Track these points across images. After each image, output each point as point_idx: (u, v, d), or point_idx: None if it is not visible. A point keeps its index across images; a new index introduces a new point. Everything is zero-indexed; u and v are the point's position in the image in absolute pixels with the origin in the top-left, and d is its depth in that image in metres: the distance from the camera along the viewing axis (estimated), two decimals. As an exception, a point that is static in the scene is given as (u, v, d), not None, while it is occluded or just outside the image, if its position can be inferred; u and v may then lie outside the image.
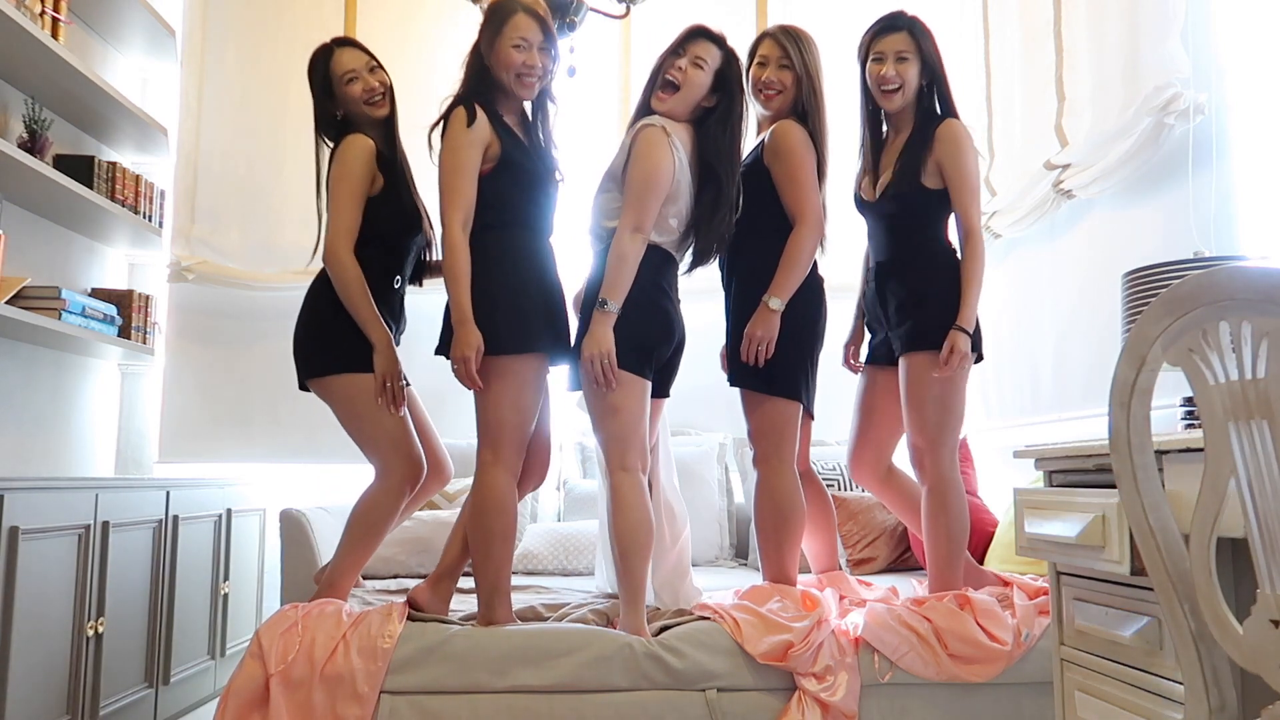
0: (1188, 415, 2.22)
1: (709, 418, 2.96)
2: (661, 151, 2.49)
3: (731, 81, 2.61)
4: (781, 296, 2.59)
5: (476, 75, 2.54)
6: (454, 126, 2.46)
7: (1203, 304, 1.16)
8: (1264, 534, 1.12)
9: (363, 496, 2.63)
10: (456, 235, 2.41)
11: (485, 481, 2.44)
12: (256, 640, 2.32)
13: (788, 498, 2.65)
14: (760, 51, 2.76)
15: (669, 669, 2.33)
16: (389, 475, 2.62)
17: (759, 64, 2.75)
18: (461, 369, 2.38)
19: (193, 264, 4.16)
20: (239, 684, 2.27)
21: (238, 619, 3.71)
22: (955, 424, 2.63)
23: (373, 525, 2.61)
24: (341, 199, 2.60)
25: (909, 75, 2.65)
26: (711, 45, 2.60)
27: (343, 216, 2.59)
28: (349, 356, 2.58)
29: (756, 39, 2.81)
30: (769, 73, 2.72)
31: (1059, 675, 1.91)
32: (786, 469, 2.66)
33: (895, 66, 2.64)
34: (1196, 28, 2.60)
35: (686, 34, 2.61)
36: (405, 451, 2.62)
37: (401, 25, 4.31)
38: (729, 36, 2.65)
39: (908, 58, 2.64)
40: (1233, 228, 2.50)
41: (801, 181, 2.63)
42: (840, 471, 3.81)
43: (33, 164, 3.05)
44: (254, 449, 4.18)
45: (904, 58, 2.64)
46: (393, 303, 2.71)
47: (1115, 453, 1.32)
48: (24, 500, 2.40)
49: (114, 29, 3.89)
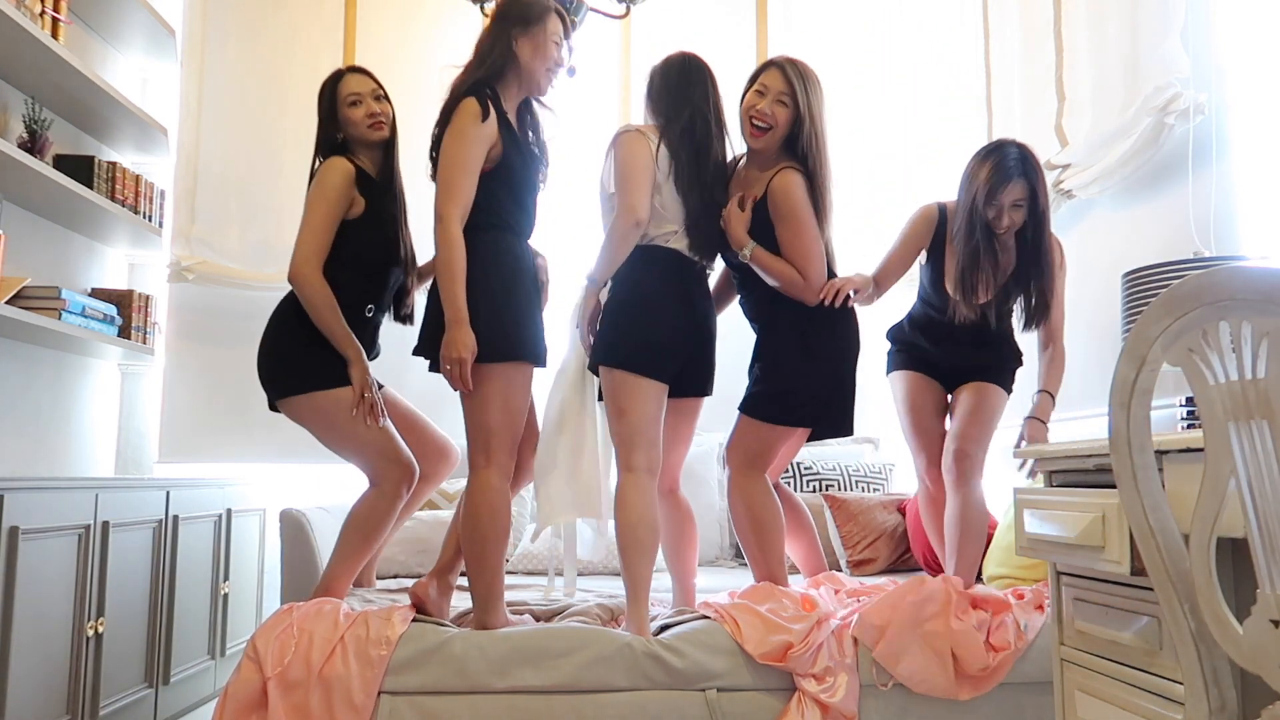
0: (1188, 415, 2.23)
1: (709, 418, 2.96)
2: (635, 143, 2.54)
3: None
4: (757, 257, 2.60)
5: (499, 61, 2.49)
6: (465, 117, 2.40)
7: (1203, 304, 1.16)
8: (1264, 534, 1.12)
9: (358, 502, 2.64)
10: (455, 230, 2.37)
11: (479, 485, 2.43)
12: (252, 644, 2.31)
13: (760, 502, 2.67)
14: (762, 80, 2.62)
15: (669, 668, 2.33)
16: (382, 483, 2.62)
17: (757, 92, 2.61)
18: (455, 370, 2.34)
19: (193, 264, 4.16)
20: (235, 688, 2.27)
21: (238, 619, 3.71)
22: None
23: (369, 531, 2.62)
24: (314, 219, 2.59)
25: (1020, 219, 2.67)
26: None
27: (313, 237, 2.58)
28: (316, 374, 2.58)
29: (762, 66, 2.69)
30: (765, 104, 2.59)
31: (1059, 675, 1.91)
32: (757, 476, 2.69)
33: (1012, 215, 2.65)
34: (1196, 28, 2.60)
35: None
36: (394, 457, 2.62)
37: (401, 25, 4.31)
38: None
39: (1022, 205, 2.65)
40: (1233, 228, 2.50)
41: (805, 245, 2.59)
42: (840, 471, 3.81)
43: (33, 164, 3.05)
44: (254, 449, 4.17)
45: (1019, 205, 2.64)
46: (364, 332, 2.68)
47: (1115, 453, 1.32)
48: (24, 500, 2.40)
49: (114, 29, 3.88)
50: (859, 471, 3.83)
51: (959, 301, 2.71)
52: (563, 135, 2.78)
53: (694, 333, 2.59)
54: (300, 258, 2.56)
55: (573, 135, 4.16)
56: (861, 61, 4.20)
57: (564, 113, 2.78)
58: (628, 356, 2.47)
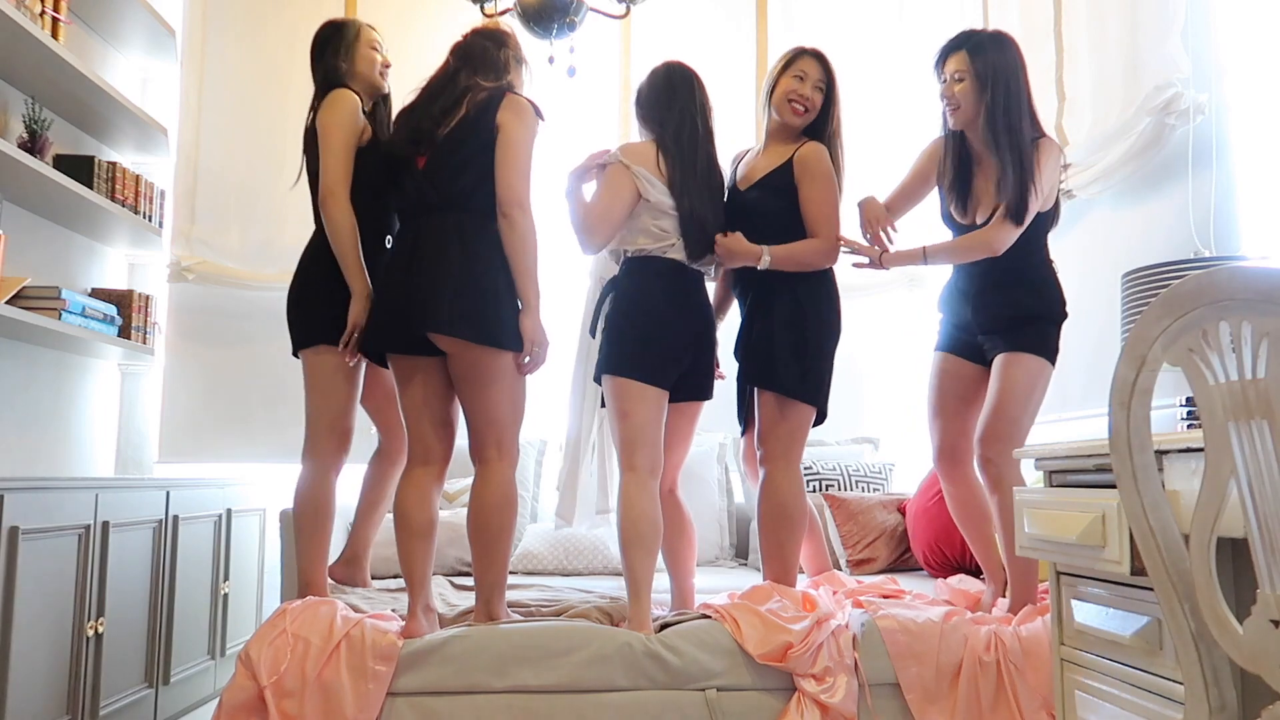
0: (1188, 415, 2.23)
1: (709, 418, 2.97)
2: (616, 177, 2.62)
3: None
4: (775, 256, 2.64)
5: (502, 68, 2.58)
6: (530, 113, 2.50)
7: (1203, 304, 1.16)
8: (1264, 534, 1.12)
9: (298, 486, 2.66)
10: (533, 217, 2.46)
11: (494, 478, 2.47)
12: (245, 653, 2.30)
13: (793, 498, 2.68)
14: (800, 66, 2.76)
15: (669, 667, 2.33)
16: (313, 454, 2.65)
17: (797, 77, 2.74)
18: (540, 353, 2.46)
19: (193, 264, 4.16)
20: (230, 697, 2.26)
21: (238, 619, 3.71)
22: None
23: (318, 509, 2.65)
24: (334, 144, 2.62)
25: (963, 93, 2.57)
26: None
27: (338, 162, 2.62)
28: (322, 329, 2.62)
29: (794, 52, 2.80)
30: (807, 89, 2.74)
31: (1059, 675, 1.91)
32: (793, 469, 2.70)
33: (953, 86, 2.59)
34: (1196, 28, 2.60)
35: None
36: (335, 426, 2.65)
37: (401, 25, 4.30)
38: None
39: (963, 78, 2.57)
40: (1233, 228, 2.50)
41: (830, 207, 2.69)
42: (840, 471, 3.81)
43: (33, 164, 3.05)
44: (254, 449, 4.17)
45: (960, 77, 2.58)
46: (379, 262, 2.68)
47: (1115, 453, 1.32)
48: (24, 500, 2.40)
49: (114, 29, 3.88)
50: (859, 471, 3.83)
51: (966, 224, 2.63)
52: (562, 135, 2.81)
53: (694, 341, 2.65)
54: (329, 182, 2.60)
55: (572, 135, 4.17)
56: (861, 61, 4.20)
57: (564, 112, 2.81)
58: (630, 365, 2.55)
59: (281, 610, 2.43)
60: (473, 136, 2.47)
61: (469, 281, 2.40)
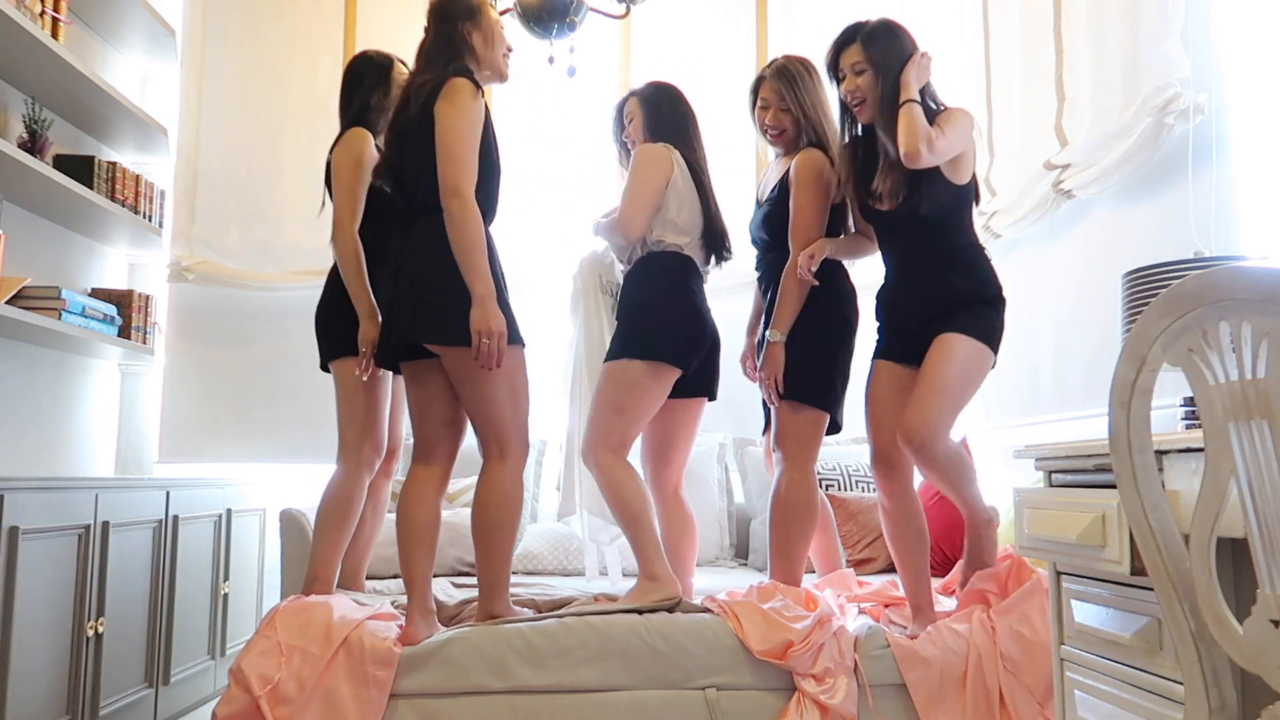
0: (1188, 415, 2.23)
1: (709, 418, 2.98)
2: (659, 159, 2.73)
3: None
4: (781, 329, 2.70)
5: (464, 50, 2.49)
6: (465, 95, 2.38)
7: (1203, 304, 1.16)
8: (1264, 534, 1.12)
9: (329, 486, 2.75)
10: (474, 205, 2.37)
11: (499, 476, 2.47)
12: (237, 666, 2.30)
13: (805, 500, 2.71)
14: (761, 95, 2.87)
15: (669, 664, 2.33)
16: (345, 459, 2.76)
17: (761, 107, 2.86)
18: (492, 346, 2.31)
19: (193, 264, 4.17)
20: (224, 711, 2.26)
21: (238, 619, 3.71)
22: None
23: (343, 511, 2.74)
24: (344, 182, 2.77)
25: (867, 85, 2.55)
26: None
27: (349, 198, 2.76)
28: (349, 341, 2.75)
29: (755, 80, 2.92)
30: (770, 116, 2.85)
31: (1059, 675, 1.91)
32: (807, 472, 2.74)
33: (855, 80, 2.56)
34: (1196, 28, 2.60)
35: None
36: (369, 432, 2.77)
37: (401, 25, 4.30)
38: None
39: (864, 69, 2.55)
40: (1233, 228, 2.50)
41: (801, 219, 2.73)
42: (840, 471, 3.81)
43: (33, 164, 3.05)
44: (254, 449, 4.18)
45: (860, 70, 2.55)
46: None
47: (1115, 453, 1.32)
48: (24, 500, 2.40)
49: (114, 29, 3.88)
50: (859, 471, 3.83)
51: (874, 202, 2.57)
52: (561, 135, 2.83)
53: (710, 332, 2.77)
54: (337, 216, 2.77)
55: (572, 135, 4.17)
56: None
57: (564, 113, 2.83)
58: (652, 347, 2.64)
59: (270, 619, 2.42)
60: (417, 136, 2.41)
61: (435, 285, 2.38)
